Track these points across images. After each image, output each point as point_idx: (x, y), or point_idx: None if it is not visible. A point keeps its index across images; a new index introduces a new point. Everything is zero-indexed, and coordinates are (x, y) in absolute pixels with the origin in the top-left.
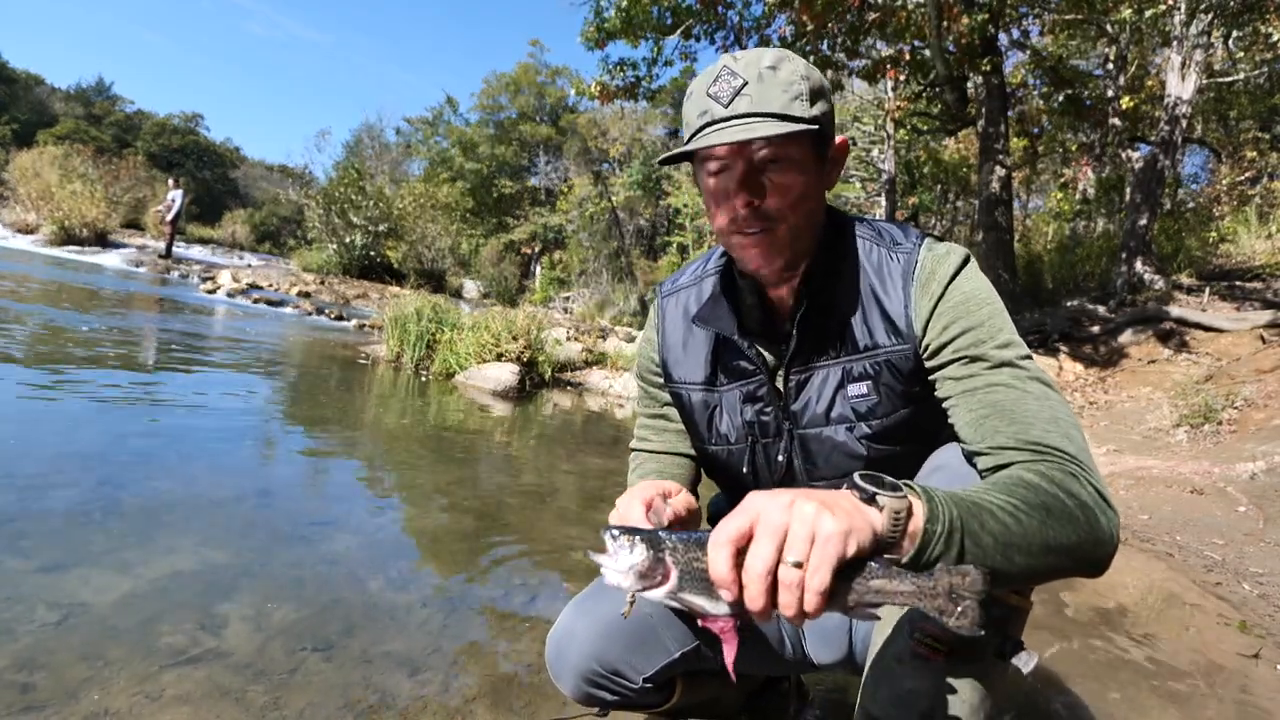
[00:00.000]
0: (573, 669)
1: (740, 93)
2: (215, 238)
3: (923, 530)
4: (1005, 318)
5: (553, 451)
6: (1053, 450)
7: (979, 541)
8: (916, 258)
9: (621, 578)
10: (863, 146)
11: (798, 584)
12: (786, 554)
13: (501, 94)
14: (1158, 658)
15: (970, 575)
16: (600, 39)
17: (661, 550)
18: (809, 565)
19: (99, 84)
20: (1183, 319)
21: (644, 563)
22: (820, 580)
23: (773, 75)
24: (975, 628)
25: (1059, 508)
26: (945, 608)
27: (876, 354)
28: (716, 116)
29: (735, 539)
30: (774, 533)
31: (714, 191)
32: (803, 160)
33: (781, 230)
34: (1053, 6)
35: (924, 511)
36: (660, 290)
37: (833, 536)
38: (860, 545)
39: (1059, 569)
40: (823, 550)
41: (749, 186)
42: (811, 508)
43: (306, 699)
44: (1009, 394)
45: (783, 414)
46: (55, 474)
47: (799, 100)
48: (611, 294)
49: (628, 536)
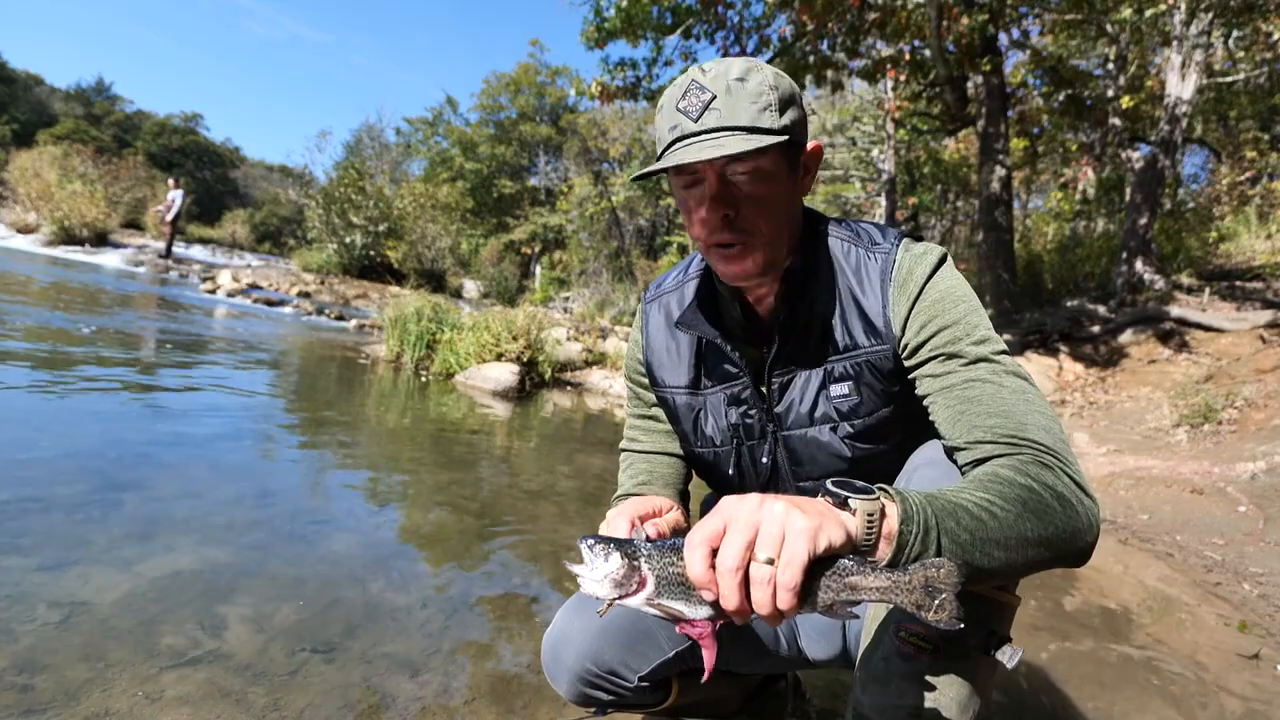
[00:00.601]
0: (568, 671)
1: (709, 107)
2: (215, 238)
3: (898, 531)
4: (981, 314)
5: (552, 451)
6: (1028, 443)
7: (956, 539)
8: (894, 258)
9: (598, 586)
10: (863, 146)
11: (769, 580)
12: (758, 551)
13: (501, 94)
14: (1157, 658)
15: (945, 568)
16: (600, 39)
17: (636, 558)
18: (780, 561)
19: (99, 84)
20: (1183, 319)
21: (619, 571)
22: (791, 575)
23: (741, 87)
24: (954, 621)
25: (1035, 501)
26: (922, 601)
27: (857, 355)
28: (686, 131)
29: (709, 539)
30: (745, 530)
31: (688, 205)
32: (775, 171)
33: (757, 241)
34: (1053, 6)
35: (898, 513)
36: (644, 295)
37: (802, 532)
38: (831, 542)
39: (1040, 561)
40: (793, 546)
41: (722, 200)
42: (781, 506)
43: (307, 700)
44: (985, 389)
45: (767, 416)
46: (55, 474)
47: (768, 111)
48: (611, 294)
49: (602, 545)
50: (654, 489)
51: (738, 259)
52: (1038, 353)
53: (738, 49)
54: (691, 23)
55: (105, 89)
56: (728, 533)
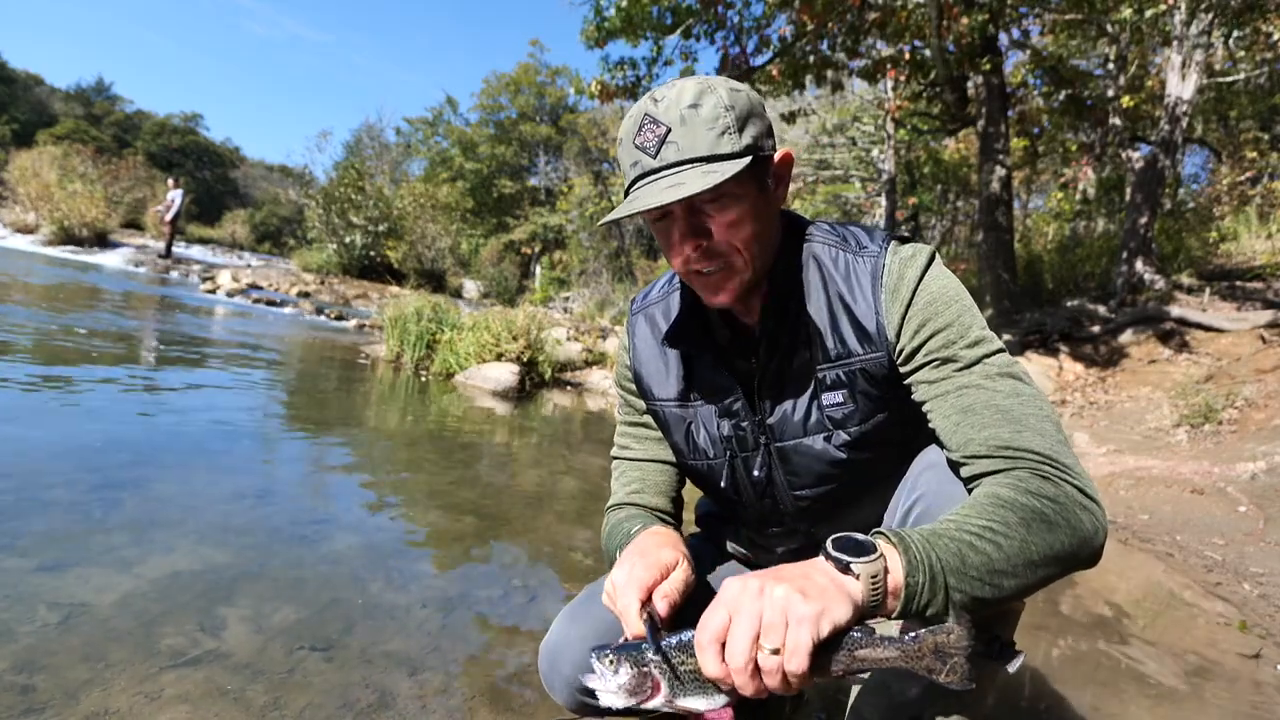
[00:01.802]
0: (565, 680)
1: (665, 141)
2: (215, 238)
3: (904, 585)
4: (975, 314)
5: (552, 451)
6: (1025, 453)
7: (963, 579)
8: (884, 261)
9: (614, 698)
10: (863, 146)
11: (777, 669)
12: (763, 641)
13: (502, 94)
14: (1157, 658)
15: (955, 633)
16: (600, 38)
17: (646, 665)
18: (785, 650)
19: (99, 84)
20: (1183, 319)
21: (631, 681)
22: (797, 664)
23: (695, 115)
24: (966, 682)
25: (1038, 520)
26: (934, 666)
27: (850, 362)
28: (646, 169)
29: (717, 636)
30: (749, 622)
31: (662, 239)
32: (742, 192)
33: (735, 261)
34: (1053, 6)
35: (902, 566)
36: (631, 306)
37: (805, 619)
38: (835, 623)
39: (1051, 577)
40: (796, 635)
41: (693, 231)
42: (782, 591)
43: (306, 699)
44: (980, 395)
45: (759, 428)
46: (55, 473)
47: (727, 135)
48: (611, 294)
49: (610, 658)
50: (646, 497)
51: (718, 285)
52: (1038, 353)
53: (737, 49)
54: (691, 23)
55: (105, 89)
56: (732, 628)
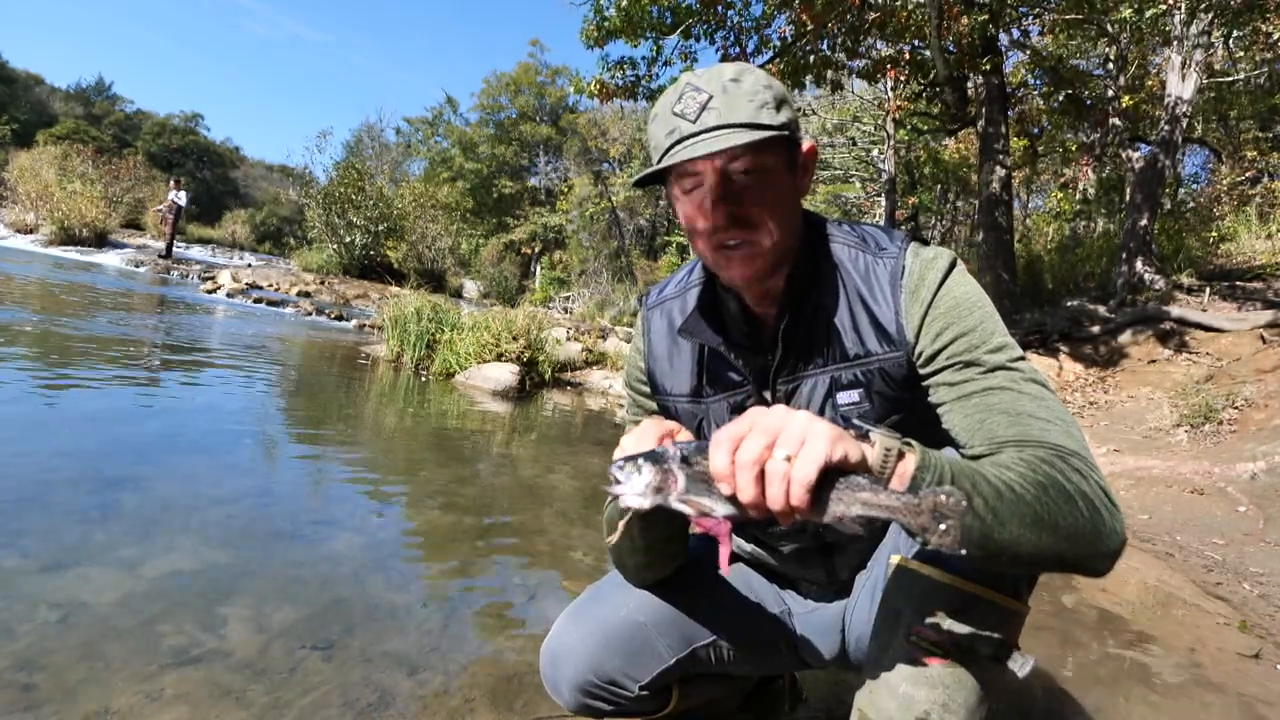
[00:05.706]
0: (569, 682)
1: (707, 107)
2: (215, 238)
3: (912, 475)
4: (996, 320)
5: (553, 451)
6: (1055, 446)
7: (969, 499)
8: (904, 263)
9: (640, 499)
10: (863, 146)
11: (784, 475)
12: (777, 449)
13: (502, 94)
14: (1157, 658)
15: (955, 496)
16: (600, 38)
17: (666, 462)
18: (796, 459)
19: (99, 84)
20: (1183, 319)
21: (655, 478)
22: (805, 472)
23: (736, 87)
24: (955, 546)
25: (1057, 487)
26: (928, 525)
27: (869, 361)
28: (685, 133)
29: (734, 438)
30: (767, 430)
31: (690, 208)
32: (776, 168)
33: (762, 238)
34: (1053, 6)
35: (915, 459)
36: (645, 301)
37: (822, 435)
38: (847, 454)
39: (1057, 554)
40: (812, 446)
41: (725, 197)
42: (805, 415)
43: (307, 698)
44: (1005, 396)
45: None
46: (55, 474)
47: (766, 109)
48: (611, 294)
49: (632, 463)
50: None
51: (745, 260)
52: (1038, 353)
53: (737, 49)
54: (691, 23)
55: (105, 89)
56: (750, 432)
